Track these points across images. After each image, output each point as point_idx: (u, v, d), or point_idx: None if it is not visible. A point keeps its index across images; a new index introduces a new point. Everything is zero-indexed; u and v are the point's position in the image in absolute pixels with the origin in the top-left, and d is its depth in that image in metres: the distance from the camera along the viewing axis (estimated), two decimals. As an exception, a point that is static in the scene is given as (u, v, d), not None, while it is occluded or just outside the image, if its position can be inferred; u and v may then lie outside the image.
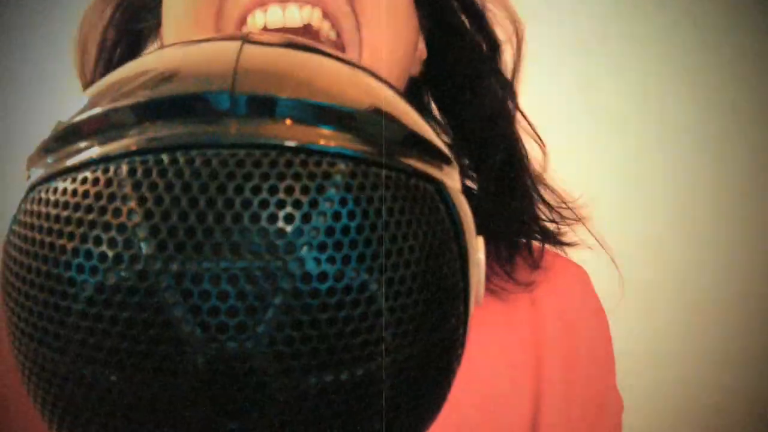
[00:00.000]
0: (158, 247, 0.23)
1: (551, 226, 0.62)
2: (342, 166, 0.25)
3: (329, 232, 0.24)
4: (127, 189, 0.24)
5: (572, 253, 0.64)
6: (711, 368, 1.20)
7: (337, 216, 0.25)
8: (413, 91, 0.61)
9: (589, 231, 0.63)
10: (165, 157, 0.24)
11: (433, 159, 0.29)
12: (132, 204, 0.24)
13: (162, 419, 0.25)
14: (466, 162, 0.63)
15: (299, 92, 0.26)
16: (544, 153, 0.63)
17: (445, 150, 0.31)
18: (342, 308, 0.24)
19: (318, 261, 0.24)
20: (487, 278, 0.60)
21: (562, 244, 0.63)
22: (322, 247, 0.24)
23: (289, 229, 0.24)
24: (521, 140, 0.62)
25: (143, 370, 0.24)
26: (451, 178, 0.31)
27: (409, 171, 0.27)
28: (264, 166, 0.24)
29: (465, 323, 0.30)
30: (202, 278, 0.23)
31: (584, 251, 0.64)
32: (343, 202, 0.25)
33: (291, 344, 0.24)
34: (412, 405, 0.28)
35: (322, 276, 0.24)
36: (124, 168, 0.25)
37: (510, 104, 0.62)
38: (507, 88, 0.61)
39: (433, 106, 0.63)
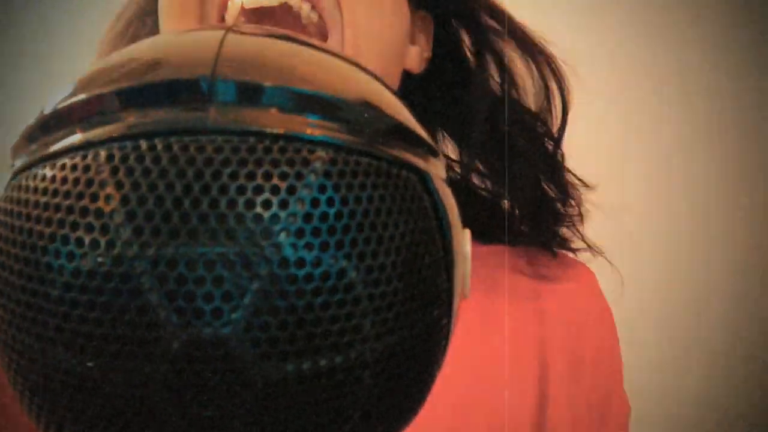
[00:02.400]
0: (134, 232, 0.23)
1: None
2: (322, 153, 0.25)
3: (307, 218, 0.24)
4: (105, 174, 0.24)
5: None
6: (710, 369, 1.20)
7: (315, 202, 0.24)
8: (415, 88, 0.61)
9: (581, 236, 0.63)
10: (143, 143, 0.24)
11: (419, 150, 0.29)
12: (109, 189, 0.24)
13: (138, 407, 0.25)
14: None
15: (281, 80, 0.26)
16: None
17: (431, 142, 0.31)
18: (320, 295, 0.24)
19: (295, 247, 0.24)
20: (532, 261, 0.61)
21: (568, 249, 0.63)
22: (299, 233, 0.24)
23: (266, 214, 0.24)
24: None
25: (119, 356, 0.24)
26: (437, 170, 0.30)
27: (391, 160, 0.27)
28: (242, 152, 0.24)
29: (449, 315, 0.30)
30: (178, 263, 0.23)
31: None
32: (322, 188, 0.25)
33: (268, 330, 0.24)
34: (393, 395, 0.28)
35: (300, 262, 0.24)
36: (103, 154, 0.25)
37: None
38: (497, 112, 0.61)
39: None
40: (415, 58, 0.59)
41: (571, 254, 0.64)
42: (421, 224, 0.27)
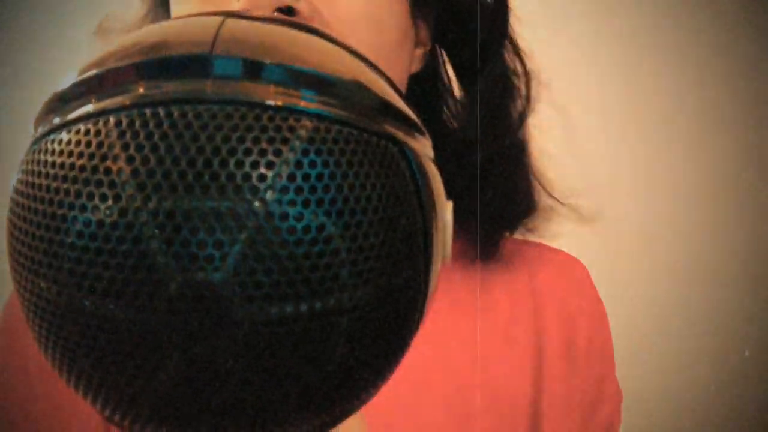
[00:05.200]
0: (138, 188, 0.27)
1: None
2: (307, 121, 0.29)
3: (291, 178, 0.28)
4: (113, 137, 0.28)
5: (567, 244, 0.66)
6: (705, 363, 1.20)
7: (299, 164, 0.28)
8: (419, 84, 0.62)
9: (583, 213, 0.65)
10: (148, 111, 0.28)
11: (405, 127, 0.32)
12: (116, 150, 0.28)
13: (140, 343, 0.28)
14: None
15: (276, 57, 0.30)
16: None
17: (418, 121, 0.34)
18: (301, 245, 0.27)
19: (280, 203, 0.27)
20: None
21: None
22: (284, 191, 0.27)
23: (254, 174, 0.27)
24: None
25: (123, 296, 0.27)
26: (421, 145, 0.33)
27: (372, 131, 0.30)
28: (235, 119, 0.28)
29: (427, 275, 0.32)
30: (176, 215, 0.27)
31: (577, 240, 0.66)
32: (305, 152, 0.28)
33: (254, 275, 0.27)
34: (370, 344, 0.30)
35: (284, 216, 0.27)
36: (112, 120, 0.28)
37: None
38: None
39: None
40: (417, 60, 0.61)
41: (564, 249, 0.67)
42: (398, 189, 0.30)
